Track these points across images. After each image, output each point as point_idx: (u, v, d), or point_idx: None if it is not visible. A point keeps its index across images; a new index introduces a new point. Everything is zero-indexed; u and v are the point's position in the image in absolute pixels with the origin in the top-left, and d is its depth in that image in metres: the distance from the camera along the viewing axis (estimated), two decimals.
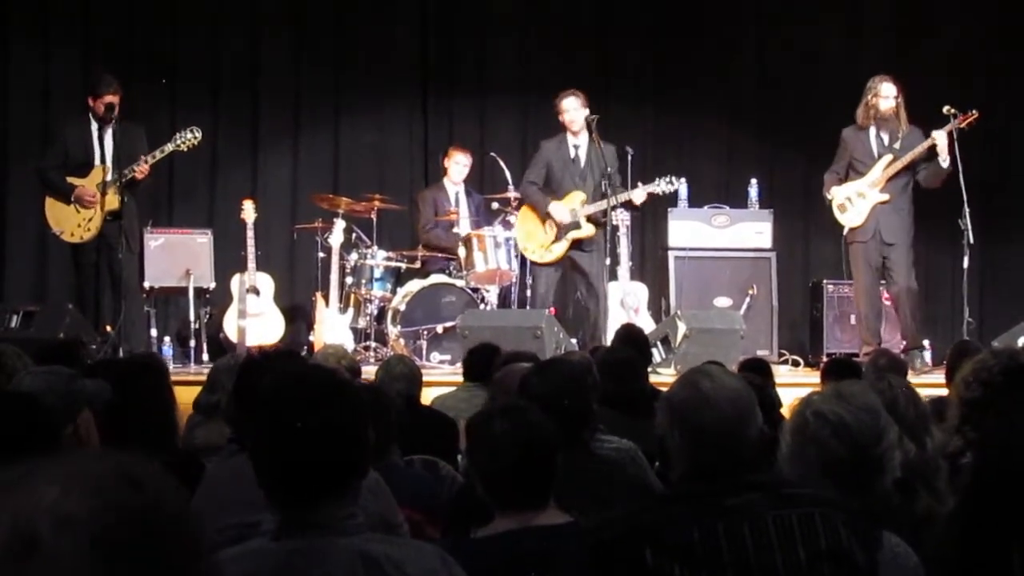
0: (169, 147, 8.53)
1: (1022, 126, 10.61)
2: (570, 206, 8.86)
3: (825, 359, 8.79)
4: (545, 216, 8.88)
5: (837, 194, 8.79)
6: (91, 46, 10.41)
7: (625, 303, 9.53)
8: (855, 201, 8.73)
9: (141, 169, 8.41)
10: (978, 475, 1.99)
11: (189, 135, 8.56)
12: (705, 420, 2.40)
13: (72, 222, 8.48)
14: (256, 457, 2.30)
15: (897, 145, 8.67)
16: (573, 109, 8.82)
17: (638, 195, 8.87)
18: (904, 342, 8.90)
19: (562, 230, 8.85)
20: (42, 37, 10.43)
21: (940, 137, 8.47)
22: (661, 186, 8.98)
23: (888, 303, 9.10)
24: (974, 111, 8.53)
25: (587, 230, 8.87)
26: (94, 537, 1.16)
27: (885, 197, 8.66)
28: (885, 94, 8.64)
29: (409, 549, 2.32)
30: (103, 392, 3.28)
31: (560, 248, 8.90)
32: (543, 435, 3.06)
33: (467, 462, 3.35)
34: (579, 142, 8.94)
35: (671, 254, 10.02)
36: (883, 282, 8.92)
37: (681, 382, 2.54)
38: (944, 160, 8.47)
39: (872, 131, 8.75)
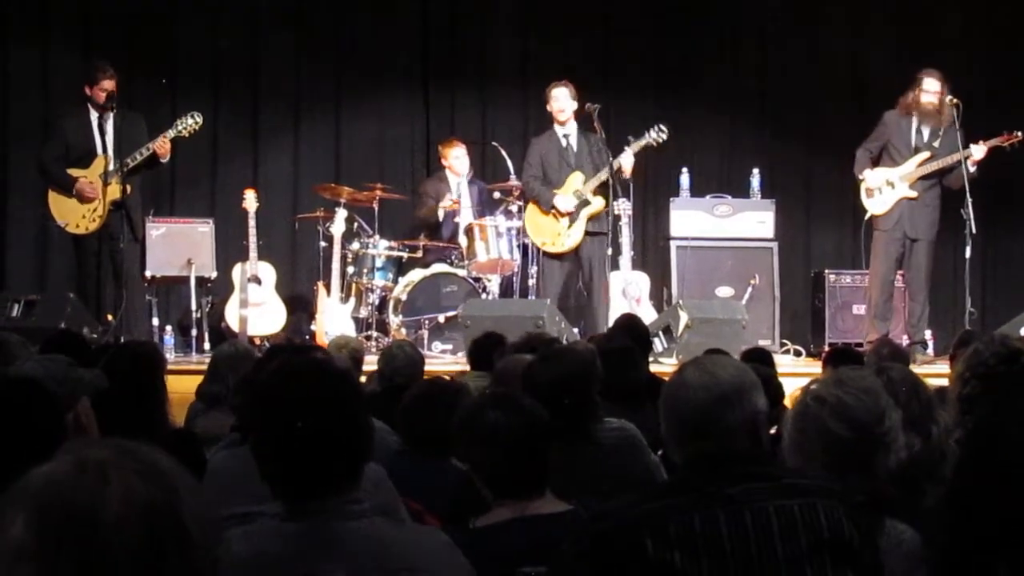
0: (171, 133, 8.49)
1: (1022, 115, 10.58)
2: (572, 189, 8.85)
3: (827, 349, 8.77)
4: (550, 210, 8.86)
5: (869, 178, 8.79)
6: (91, 39, 10.36)
7: (627, 293, 9.52)
8: (884, 190, 8.74)
9: (161, 144, 8.37)
10: (962, 467, 1.97)
11: (190, 120, 8.52)
12: (679, 406, 2.42)
13: (77, 214, 8.45)
14: (259, 452, 2.31)
15: (936, 143, 8.69)
16: (563, 98, 8.84)
17: (627, 160, 8.78)
18: (906, 336, 8.90)
19: (575, 211, 8.83)
20: (42, 30, 10.38)
21: (978, 151, 8.52)
22: (652, 135, 8.90)
23: (900, 287, 9.11)
24: (1019, 133, 8.57)
25: (597, 204, 8.83)
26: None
27: (913, 194, 8.71)
28: (927, 88, 8.67)
29: (414, 533, 2.33)
30: (99, 380, 3.27)
31: (578, 231, 8.84)
32: (536, 422, 3.06)
33: (462, 454, 3.34)
34: (568, 131, 8.95)
35: (673, 244, 10.01)
36: (900, 271, 8.94)
37: (676, 370, 2.57)
38: (973, 167, 8.52)
39: (914, 121, 8.75)
